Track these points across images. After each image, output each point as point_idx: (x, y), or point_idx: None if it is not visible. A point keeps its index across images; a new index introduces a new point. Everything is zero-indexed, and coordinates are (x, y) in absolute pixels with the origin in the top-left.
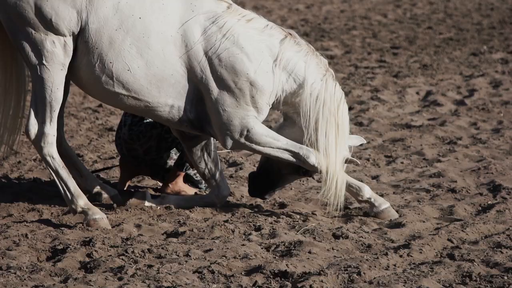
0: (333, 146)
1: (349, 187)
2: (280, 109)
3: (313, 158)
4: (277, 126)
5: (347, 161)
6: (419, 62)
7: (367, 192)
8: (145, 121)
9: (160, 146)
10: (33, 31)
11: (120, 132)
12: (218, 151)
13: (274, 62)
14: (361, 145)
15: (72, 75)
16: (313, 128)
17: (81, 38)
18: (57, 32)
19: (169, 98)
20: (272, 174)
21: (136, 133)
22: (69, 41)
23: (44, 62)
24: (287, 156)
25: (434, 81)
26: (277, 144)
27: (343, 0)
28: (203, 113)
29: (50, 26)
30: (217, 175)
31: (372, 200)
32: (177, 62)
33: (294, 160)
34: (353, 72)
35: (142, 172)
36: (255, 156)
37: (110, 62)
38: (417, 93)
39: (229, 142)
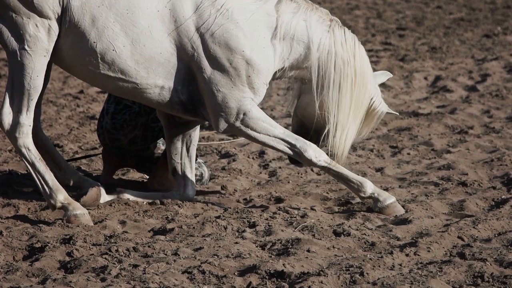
0: (348, 99)
1: (349, 182)
2: (288, 77)
3: (310, 152)
4: (295, 94)
5: (382, 114)
6: (428, 45)
7: (370, 187)
8: (129, 108)
9: (146, 135)
10: (14, 14)
11: (102, 121)
12: (209, 142)
13: (272, 34)
14: (388, 79)
15: (55, 57)
16: (327, 86)
17: (63, 18)
18: (40, 14)
19: (158, 78)
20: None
21: (120, 122)
22: (54, 24)
23: (26, 47)
24: (282, 147)
25: (444, 65)
26: (273, 132)
27: None
28: (196, 94)
29: (33, 8)
30: (188, 173)
31: (376, 195)
32: (166, 39)
33: (290, 152)
34: None
35: (127, 164)
36: (249, 146)
37: (94, 42)
38: (425, 78)
39: (223, 125)
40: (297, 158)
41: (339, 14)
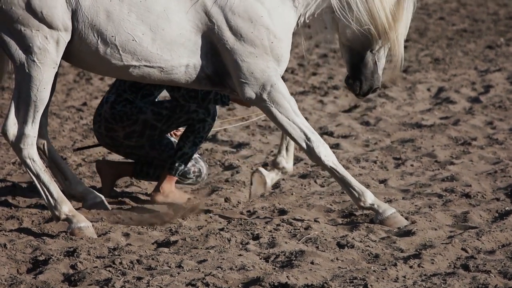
0: (375, 3)
1: (351, 189)
2: (318, 14)
3: (322, 149)
4: (333, 27)
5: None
6: (430, 56)
7: (370, 197)
8: (131, 103)
9: (144, 132)
10: (23, 27)
11: (100, 110)
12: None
13: None
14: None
15: (76, 61)
16: (351, 2)
17: (76, 22)
18: (50, 25)
19: (182, 58)
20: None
21: (120, 113)
22: (63, 36)
23: (34, 59)
24: (297, 136)
25: (447, 76)
26: (294, 118)
27: None
28: (220, 67)
29: (43, 20)
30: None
31: (376, 206)
32: (183, 19)
33: (302, 144)
34: None
35: (123, 172)
36: (252, 158)
37: (112, 36)
38: (428, 89)
39: (250, 94)
40: (307, 153)
41: None
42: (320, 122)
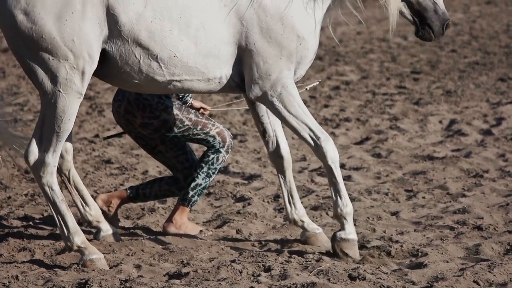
0: None
1: (338, 195)
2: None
3: (329, 147)
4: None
5: None
6: (442, 88)
7: (349, 213)
8: (160, 98)
9: (159, 129)
10: (50, 57)
11: (125, 92)
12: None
13: None
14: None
15: (118, 82)
16: None
17: (113, 46)
18: (76, 56)
19: (216, 70)
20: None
21: (144, 102)
22: (89, 65)
23: (60, 89)
24: (306, 134)
25: (459, 108)
26: (303, 118)
27: (359, 21)
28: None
29: (69, 50)
30: (279, 131)
31: (346, 223)
32: (218, 29)
33: (310, 141)
34: (370, 99)
35: (121, 200)
36: (264, 190)
37: (154, 55)
38: (440, 121)
39: (257, 92)
40: (314, 149)
41: (354, 58)
42: None
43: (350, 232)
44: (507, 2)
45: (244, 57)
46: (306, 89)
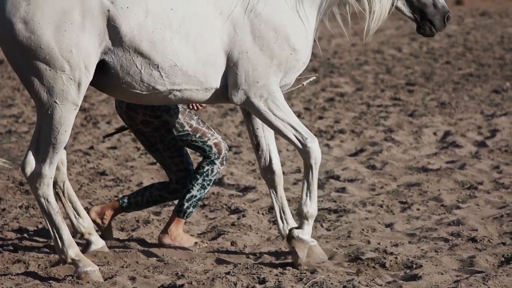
0: None
1: (309, 194)
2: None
3: (314, 147)
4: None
5: None
6: (437, 100)
7: (312, 214)
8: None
9: (159, 129)
10: (47, 67)
11: None
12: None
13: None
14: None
15: (119, 93)
16: None
17: (113, 57)
18: (73, 67)
19: (212, 80)
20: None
21: None
22: (85, 77)
23: (56, 100)
24: (291, 135)
25: (453, 120)
26: (288, 120)
27: (354, 33)
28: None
29: (66, 61)
30: (272, 146)
31: (306, 221)
32: (215, 37)
33: (296, 142)
34: (365, 111)
35: (114, 211)
36: (259, 202)
37: (156, 64)
38: (435, 133)
39: (241, 97)
40: (299, 148)
41: (349, 70)
42: (326, 166)
43: (307, 233)
44: (501, 14)
45: (232, 64)
46: (303, 84)
